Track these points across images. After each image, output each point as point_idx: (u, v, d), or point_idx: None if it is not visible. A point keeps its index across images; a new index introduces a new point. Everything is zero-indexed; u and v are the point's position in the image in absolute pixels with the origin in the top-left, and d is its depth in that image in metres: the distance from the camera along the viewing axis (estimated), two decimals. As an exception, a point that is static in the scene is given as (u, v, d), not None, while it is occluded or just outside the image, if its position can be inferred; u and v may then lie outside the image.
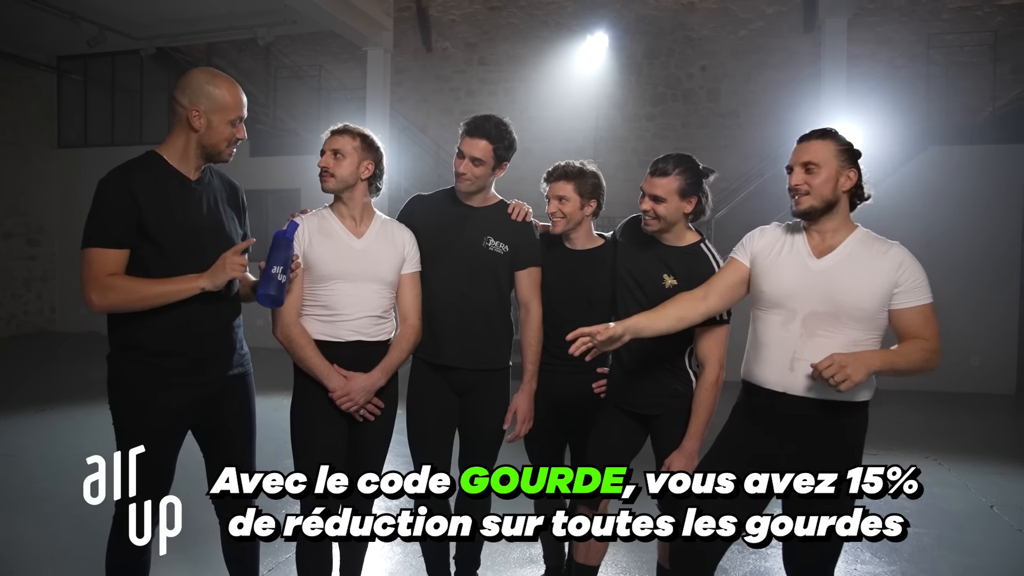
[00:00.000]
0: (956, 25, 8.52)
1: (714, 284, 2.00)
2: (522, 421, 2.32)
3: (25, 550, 3.00)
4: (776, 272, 1.89)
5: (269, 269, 1.92)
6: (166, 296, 1.83)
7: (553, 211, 2.31)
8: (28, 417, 5.31)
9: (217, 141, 1.91)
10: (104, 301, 1.82)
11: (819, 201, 1.83)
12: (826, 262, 1.84)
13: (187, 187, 1.93)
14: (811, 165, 1.83)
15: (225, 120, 1.90)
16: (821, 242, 1.87)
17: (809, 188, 1.83)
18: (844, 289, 1.79)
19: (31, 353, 8.72)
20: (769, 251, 1.93)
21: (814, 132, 1.89)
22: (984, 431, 5.63)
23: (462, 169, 2.24)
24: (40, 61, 9.98)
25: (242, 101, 1.94)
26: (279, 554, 2.92)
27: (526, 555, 3.02)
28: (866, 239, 1.86)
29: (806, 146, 1.86)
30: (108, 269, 1.82)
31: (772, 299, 1.88)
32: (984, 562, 3.09)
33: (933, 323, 1.79)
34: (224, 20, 8.77)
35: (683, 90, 9.72)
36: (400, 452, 2.53)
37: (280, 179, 8.67)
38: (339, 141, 2.13)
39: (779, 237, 1.95)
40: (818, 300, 1.81)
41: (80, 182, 10.10)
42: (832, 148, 1.84)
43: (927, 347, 1.76)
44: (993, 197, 7.01)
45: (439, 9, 10.27)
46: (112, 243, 1.82)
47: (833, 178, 1.83)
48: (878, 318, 1.80)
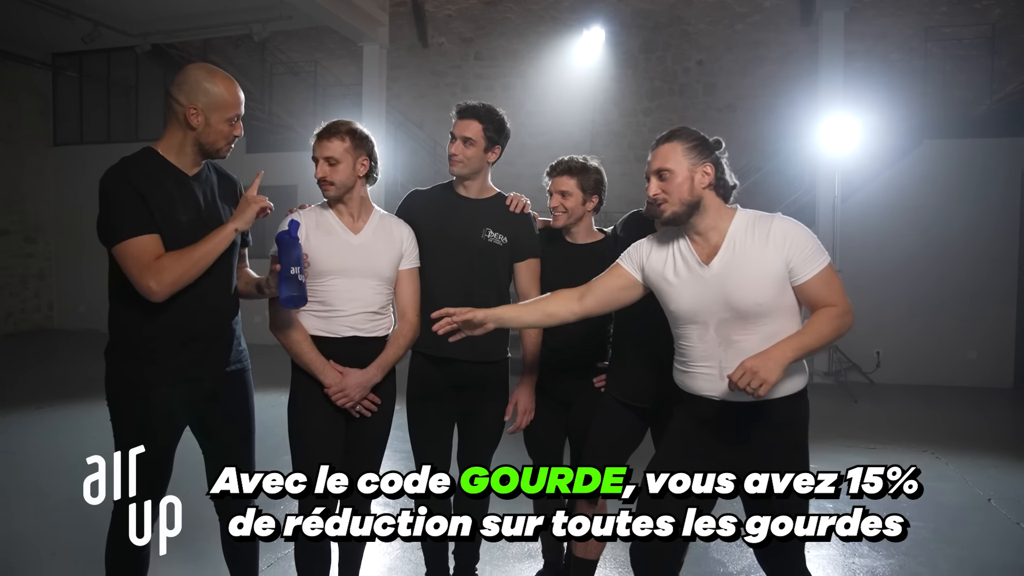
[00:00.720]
0: (954, 18, 8.51)
1: (594, 286, 1.96)
2: (523, 412, 2.33)
3: (25, 547, 3.00)
4: (676, 290, 1.83)
5: (286, 271, 1.89)
6: (211, 251, 1.84)
7: (555, 205, 2.32)
8: (27, 415, 5.31)
9: (215, 139, 1.89)
10: (163, 284, 1.77)
11: (679, 205, 1.78)
12: (714, 267, 1.78)
13: (184, 183, 1.91)
14: (663, 172, 1.78)
15: (223, 118, 1.88)
16: (706, 244, 1.81)
17: (666, 195, 1.78)
18: (738, 291, 1.74)
19: (29, 351, 8.70)
20: (662, 267, 1.87)
21: (661, 138, 1.85)
22: (981, 425, 5.64)
23: (453, 150, 2.25)
24: (35, 58, 9.94)
25: (240, 99, 1.92)
26: (277, 550, 2.93)
27: (525, 550, 3.03)
28: (748, 226, 1.79)
29: (655, 153, 1.82)
30: (152, 253, 1.78)
31: (681, 317, 1.84)
32: (981, 555, 3.10)
33: (836, 284, 1.74)
34: (219, 16, 8.74)
35: (680, 84, 9.71)
36: (399, 448, 2.53)
37: (277, 175, 8.63)
38: (330, 147, 2.09)
39: (667, 249, 1.88)
40: (720, 308, 1.76)
41: (76, 179, 10.07)
42: (680, 148, 1.79)
43: (835, 313, 1.70)
44: (991, 190, 7.02)
45: (435, 4, 10.23)
46: (143, 230, 1.79)
47: (688, 179, 1.77)
48: (784, 303, 1.75)
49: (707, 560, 2.98)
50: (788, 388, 1.76)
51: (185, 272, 1.80)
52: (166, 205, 1.85)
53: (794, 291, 1.75)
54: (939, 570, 2.95)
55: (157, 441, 1.89)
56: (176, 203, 1.87)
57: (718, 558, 3.01)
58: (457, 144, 2.25)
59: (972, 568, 2.98)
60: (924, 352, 7.03)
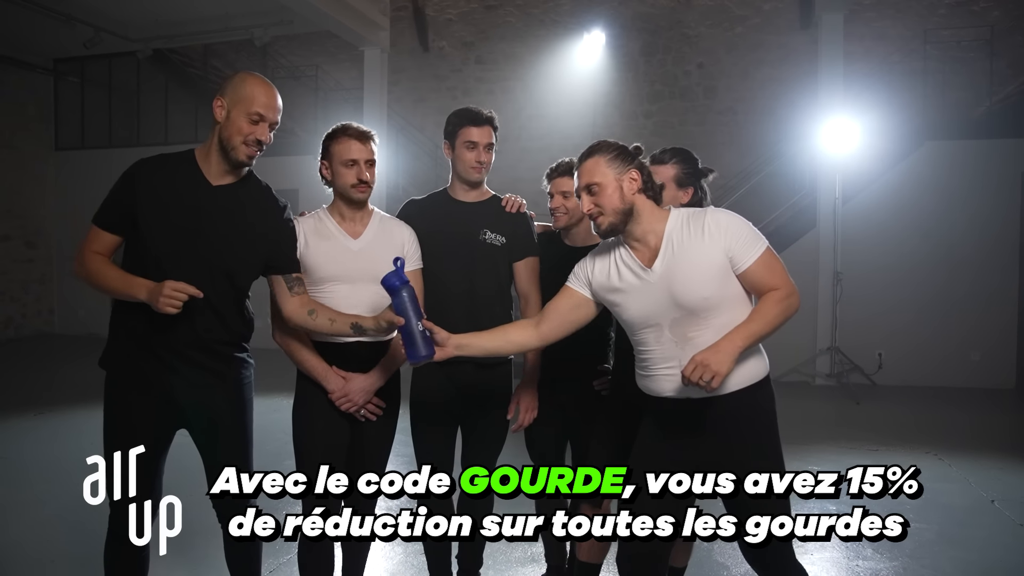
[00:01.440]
0: (952, 20, 8.52)
1: (548, 312, 1.98)
2: (525, 411, 2.34)
3: (24, 553, 2.99)
4: (625, 298, 1.85)
5: (410, 327, 1.79)
6: (114, 291, 1.87)
7: (556, 206, 2.33)
8: (27, 420, 5.31)
9: (231, 134, 1.87)
10: (78, 271, 1.92)
11: (615, 216, 1.80)
12: (657, 269, 1.79)
13: (202, 189, 1.92)
14: (592, 186, 1.81)
15: (243, 112, 1.86)
16: (646, 249, 1.83)
17: (600, 208, 1.81)
18: (683, 289, 1.75)
19: (30, 356, 8.70)
20: (607, 278, 1.88)
21: (581, 156, 1.87)
22: (985, 426, 5.63)
23: (483, 159, 2.28)
24: (37, 63, 9.96)
25: (268, 100, 1.89)
26: (280, 555, 2.92)
27: (528, 554, 3.03)
28: (683, 224, 1.81)
29: (580, 171, 1.85)
30: (93, 246, 1.91)
31: (635, 323, 1.85)
32: (986, 557, 3.10)
33: (777, 268, 1.75)
34: (220, 21, 8.75)
35: (680, 87, 9.71)
36: (402, 452, 2.53)
37: (278, 179, 8.55)
38: (368, 150, 2.11)
39: (608, 261, 1.90)
40: (670, 308, 1.78)
41: (78, 184, 10.08)
42: (603, 161, 1.82)
43: (779, 296, 1.72)
44: (991, 191, 7.02)
45: (435, 8, 10.25)
46: (107, 227, 1.91)
47: (616, 189, 1.80)
48: (730, 293, 1.76)
49: (710, 563, 2.98)
50: (745, 378, 1.77)
51: (95, 283, 1.90)
52: (159, 209, 1.87)
53: (739, 280, 1.77)
54: (943, 572, 2.95)
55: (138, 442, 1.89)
56: (173, 208, 1.88)
57: (721, 561, 3.01)
58: (482, 152, 2.27)
59: (976, 570, 2.97)
60: (926, 353, 7.02)
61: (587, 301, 1.94)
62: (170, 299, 1.74)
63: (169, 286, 1.75)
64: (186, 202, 1.90)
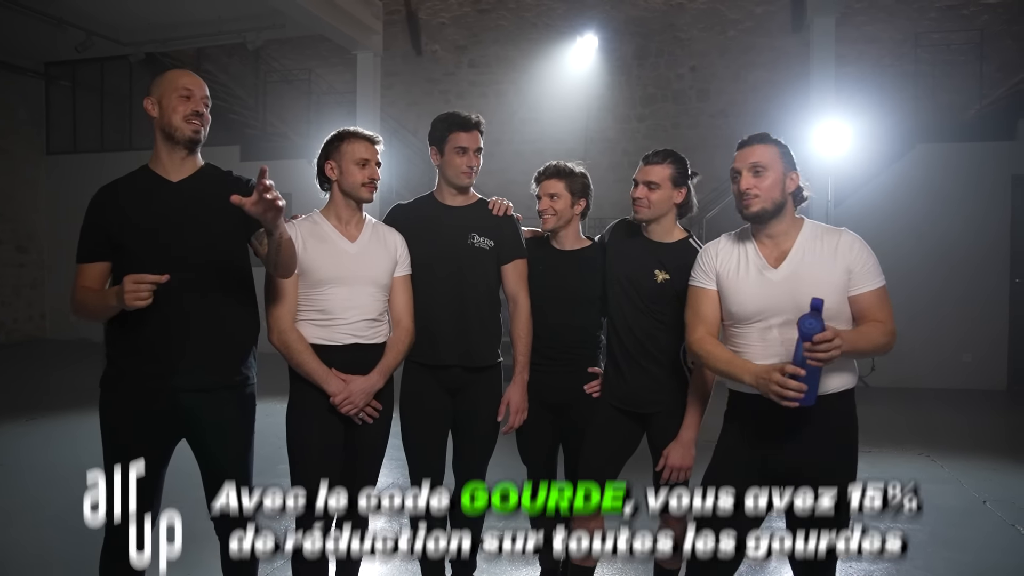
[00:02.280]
0: (943, 24, 8.59)
1: (705, 319, 1.96)
2: (515, 412, 2.34)
3: (16, 559, 2.97)
4: (739, 290, 1.88)
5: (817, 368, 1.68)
6: (98, 310, 1.87)
7: (544, 208, 2.34)
8: (19, 426, 5.27)
9: (169, 118, 1.91)
10: (74, 312, 1.94)
11: (769, 204, 1.84)
12: (783, 270, 1.84)
13: (164, 190, 1.93)
14: (759, 168, 1.83)
15: (172, 95, 1.91)
16: (774, 248, 1.88)
17: (759, 191, 1.83)
18: (807, 294, 1.76)
19: (22, 361, 8.64)
20: (727, 269, 1.92)
21: (756, 136, 1.90)
22: (976, 427, 5.66)
23: (473, 163, 2.30)
24: (28, 67, 9.91)
25: (187, 80, 1.94)
26: (274, 559, 2.91)
27: (522, 557, 3.02)
28: (816, 234, 1.87)
29: (752, 150, 1.86)
30: (80, 282, 1.91)
31: (742, 317, 1.88)
32: (978, 557, 3.11)
33: (887, 306, 1.84)
34: (213, 25, 8.74)
35: (673, 90, 9.75)
36: (394, 456, 2.52)
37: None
38: (376, 150, 2.16)
39: (732, 251, 1.94)
40: (786, 310, 1.80)
41: (69, 188, 10.02)
42: (776, 151, 1.86)
43: (885, 329, 1.80)
44: (981, 193, 7.06)
45: (428, 12, 10.26)
46: (84, 258, 1.92)
47: (780, 180, 1.84)
48: (844, 313, 1.82)
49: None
50: (836, 384, 1.81)
51: (86, 313, 1.91)
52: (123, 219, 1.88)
53: (849, 302, 1.82)
54: (936, 573, 2.95)
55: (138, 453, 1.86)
56: (154, 211, 1.89)
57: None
58: (473, 157, 2.29)
59: (969, 571, 2.98)
60: (918, 355, 7.04)
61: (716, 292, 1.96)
62: (133, 293, 1.70)
63: (127, 280, 1.71)
64: (156, 204, 1.91)
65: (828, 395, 1.79)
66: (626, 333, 2.23)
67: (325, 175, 2.18)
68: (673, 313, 2.16)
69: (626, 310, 2.22)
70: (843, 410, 1.84)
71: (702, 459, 2.29)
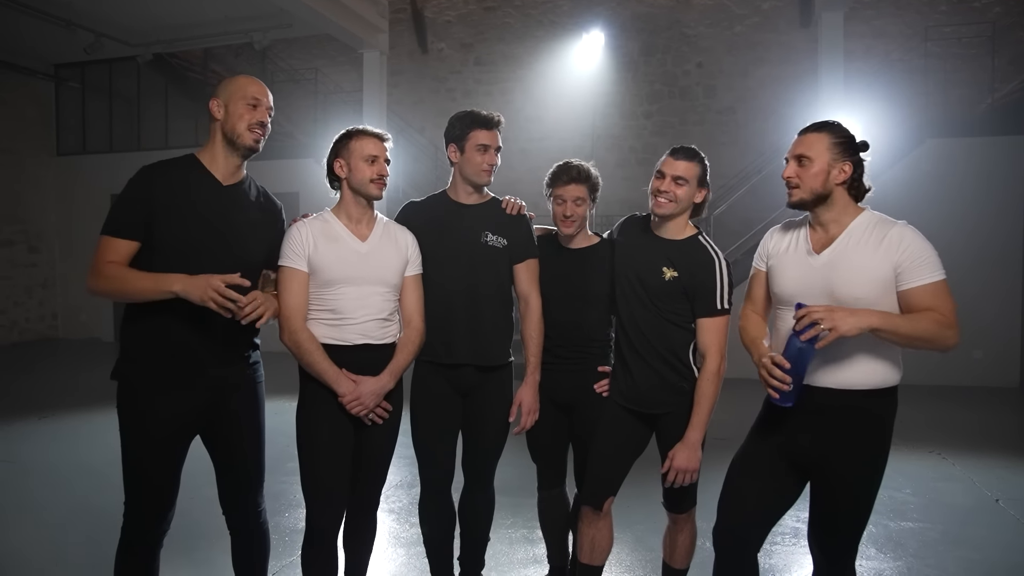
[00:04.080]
0: (953, 17, 8.51)
1: (755, 298, 2.05)
2: (527, 413, 2.33)
3: (29, 556, 2.99)
4: (782, 271, 1.93)
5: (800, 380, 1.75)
6: (144, 292, 1.83)
7: (570, 214, 2.29)
8: (30, 424, 5.31)
9: (234, 123, 1.95)
10: (95, 286, 1.86)
11: (808, 194, 1.85)
12: (824, 257, 1.85)
13: (214, 190, 1.96)
14: (803, 158, 1.85)
15: (240, 101, 1.95)
16: (823, 235, 1.89)
17: (799, 181, 1.85)
18: (842, 282, 1.79)
19: (33, 360, 8.71)
20: (778, 251, 1.98)
21: (812, 125, 1.90)
22: (988, 425, 5.62)
23: (493, 161, 2.30)
24: (37, 69, 9.98)
25: (257, 87, 2.00)
26: (284, 556, 2.92)
27: (530, 555, 3.02)
28: (869, 225, 1.84)
29: (802, 139, 1.88)
30: (108, 256, 1.86)
31: (781, 298, 1.91)
32: (990, 556, 3.08)
33: (947, 301, 1.74)
34: (220, 25, 8.77)
35: (680, 87, 9.71)
36: (403, 455, 2.53)
37: (278, 183, 8.61)
38: (385, 147, 2.17)
39: (788, 235, 1.99)
40: (820, 296, 1.81)
41: (79, 189, 10.10)
42: (827, 141, 1.84)
43: (939, 319, 1.71)
44: (993, 189, 7.00)
45: (434, 10, 10.26)
46: (117, 232, 1.87)
47: (824, 172, 1.83)
48: (885, 304, 1.76)
49: (712, 563, 2.96)
50: (871, 379, 1.79)
51: (117, 292, 1.86)
52: (175, 211, 1.88)
53: (900, 298, 1.77)
54: (947, 572, 2.93)
55: (159, 448, 1.91)
56: (188, 211, 1.90)
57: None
58: (493, 155, 2.29)
59: (981, 570, 2.96)
60: (929, 352, 6.98)
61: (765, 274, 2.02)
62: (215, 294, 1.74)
63: (215, 280, 1.75)
64: (205, 202, 1.93)
65: (873, 390, 1.78)
66: (634, 331, 2.21)
67: (335, 174, 2.18)
68: (682, 311, 2.15)
69: (634, 307, 2.21)
70: (881, 405, 1.81)
71: (711, 458, 2.28)
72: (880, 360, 1.79)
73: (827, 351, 1.73)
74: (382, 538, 3.01)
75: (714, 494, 2.04)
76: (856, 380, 1.78)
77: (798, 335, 1.69)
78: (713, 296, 2.11)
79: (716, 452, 2.49)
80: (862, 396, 1.80)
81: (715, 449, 2.46)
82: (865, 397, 1.80)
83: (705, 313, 2.12)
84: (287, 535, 3.15)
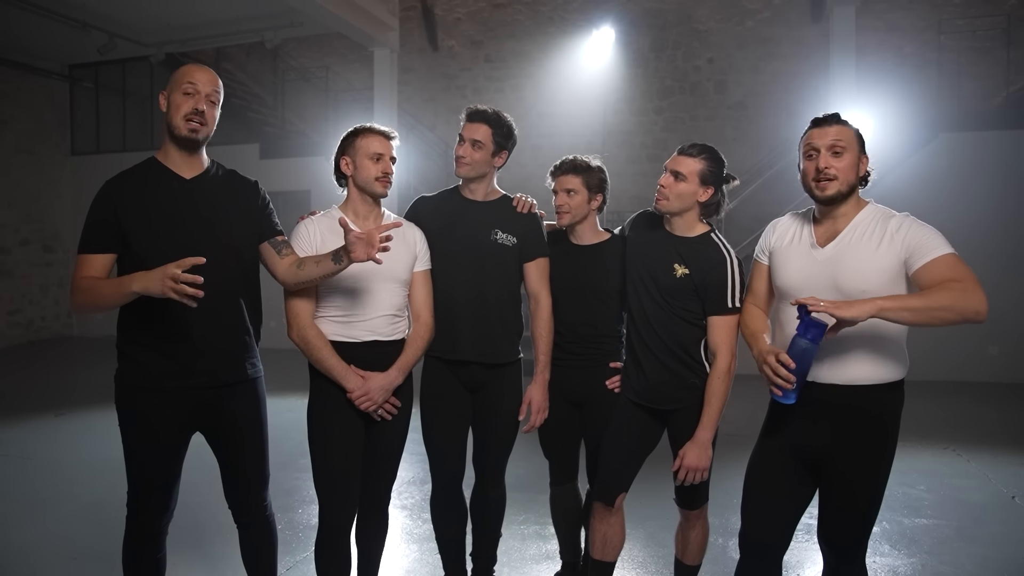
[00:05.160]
0: (967, 10, 8.41)
1: (756, 291, 2.03)
2: (536, 411, 2.33)
3: (46, 551, 3.04)
4: (785, 265, 1.90)
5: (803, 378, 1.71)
6: (111, 297, 1.81)
7: (561, 203, 2.32)
8: (47, 421, 5.39)
9: (172, 114, 1.92)
10: (73, 301, 1.90)
11: (844, 186, 1.81)
12: (828, 251, 1.83)
13: (177, 186, 1.95)
14: (839, 148, 1.80)
15: (178, 91, 1.91)
16: (830, 227, 1.86)
17: (837, 172, 1.80)
18: (848, 275, 1.77)
19: (49, 358, 8.82)
20: (781, 243, 1.95)
21: (832, 117, 1.87)
22: (1004, 421, 5.56)
23: (461, 152, 2.28)
24: (52, 70, 10.08)
25: (196, 75, 1.92)
26: (297, 552, 2.94)
27: (542, 551, 3.03)
28: (872, 220, 1.82)
29: (832, 128, 1.84)
30: (83, 272, 1.88)
31: (784, 292, 1.89)
32: (1005, 553, 3.06)
33: (963, 269, 1.66)
34: (231, 24, 8.81)
35: (690, 83, 9.66)
36: (414, 451, 2.54)
37: (290, 181, 8.70)
38: (390, 145, 2.17)
39: (791, 227, 1.97)
40: (824, 289, 1.78)
41: (93, 188, 10.07)
42: (852, 134, 1.84)
43: (957, 286, 1.61)
44: (1007, 184, 6.91)
45: (444, 7, 10.27)
46: (89, 248, 1.90)
47: (855, 163, 1.82)
48: (893, 292, 1.74)
49: (725, 560, 2.96)
50: (875, 375, 1.76)
51: (93, 303, 1.86)
52: (140, 213, 1.89)
53: (915, 281, 1.73)
54: (962, 569, 2.91)
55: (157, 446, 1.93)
56: (161, 209, 1.91)
57: (736, 557, 2.99)
58: (465, 146, 2.27)
59: (996, 567, 2.94)
60: (944, 348, 6.93)
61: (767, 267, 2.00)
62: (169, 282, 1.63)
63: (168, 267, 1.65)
64: (169, 199, 1.93)
65: (878, 385, 1.76)
66: (645, 327, 2.21)
67: (341, 171, 2.19)
68: (693, 307, 2.15)
69: (645, 303, 2.21)
70: (887, 400, 1.78)
71: (723, 454, 2.28)
72: (884, 355, 1.77)
73: (830, 347, 1.72)
74: (394, 534, 3.02)
75: (726, 490, 2.04)
76: (860, 376, 1.76)
77: (802, 335, 1.68)
78: (724, 295, 2.10)
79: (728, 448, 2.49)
80: (866, 392, 1.78)
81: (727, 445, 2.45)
82: (870, 393, 1.78)
83: (716, 311, 2.11)
84: (300, 531, 3.16)
